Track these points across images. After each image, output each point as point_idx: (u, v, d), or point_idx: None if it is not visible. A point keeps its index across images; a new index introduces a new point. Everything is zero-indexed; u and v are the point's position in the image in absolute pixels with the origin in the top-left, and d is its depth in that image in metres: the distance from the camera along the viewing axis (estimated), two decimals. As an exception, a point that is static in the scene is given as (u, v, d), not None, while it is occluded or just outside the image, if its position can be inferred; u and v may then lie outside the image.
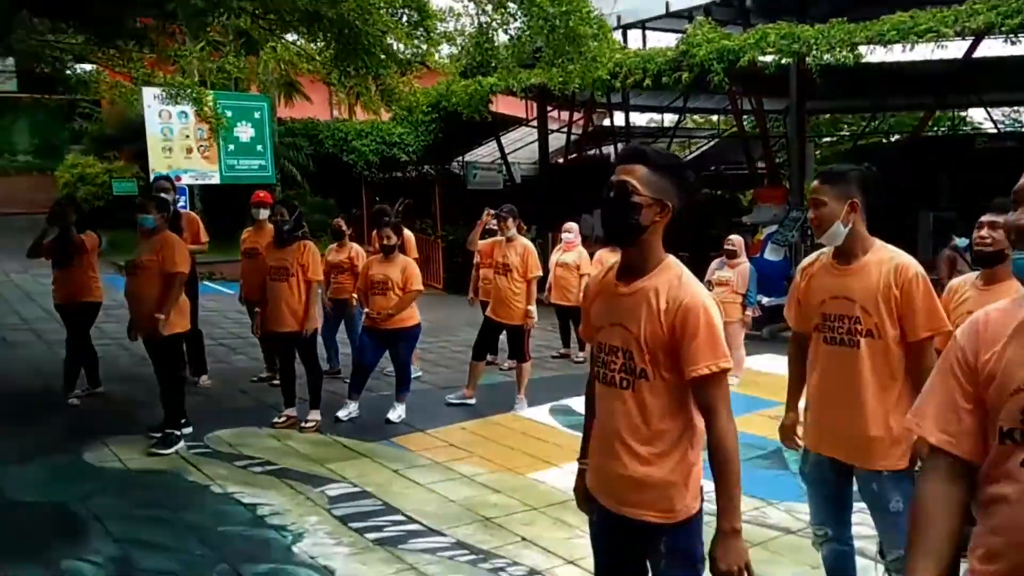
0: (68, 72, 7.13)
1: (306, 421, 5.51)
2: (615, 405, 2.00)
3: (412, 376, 7.21)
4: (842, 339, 2.55)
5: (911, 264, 2.52)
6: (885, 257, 2.54)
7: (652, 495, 1.97)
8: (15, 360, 6.96)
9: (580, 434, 2.30)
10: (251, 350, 7.61)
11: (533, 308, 6.37)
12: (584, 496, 2.18)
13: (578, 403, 6.65)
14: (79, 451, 4.68)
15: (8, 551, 3.26)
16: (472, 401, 6.46)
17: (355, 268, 6.84)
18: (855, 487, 2.63)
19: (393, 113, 16.92)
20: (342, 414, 5.75)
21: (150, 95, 13.15)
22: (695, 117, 25.58)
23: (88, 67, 8.89)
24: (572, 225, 8.49)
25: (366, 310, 5.82)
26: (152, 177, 13.47)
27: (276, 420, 5.54)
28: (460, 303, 9.24)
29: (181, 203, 13.44)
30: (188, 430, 5.12)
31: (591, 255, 8.09)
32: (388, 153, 16.05)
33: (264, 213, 6.58)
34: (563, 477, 4.68)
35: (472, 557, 3.53)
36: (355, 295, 6.55)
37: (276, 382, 6.03)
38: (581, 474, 2.22)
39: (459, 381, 7.38)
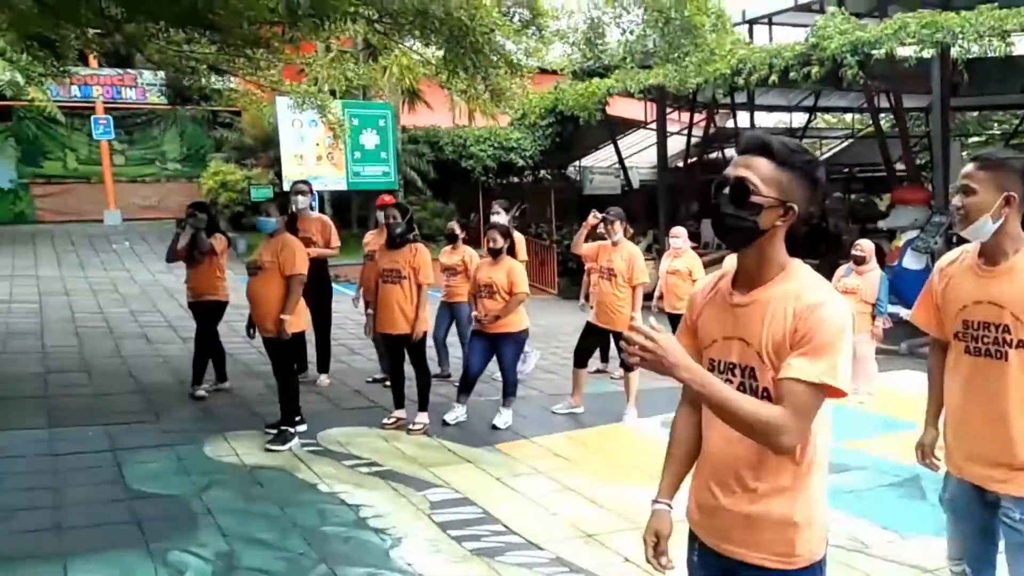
0: (207, 83, 7.55)
1: (414, 423, 5.54)
2: (730, 431, 1.71)
3: (527, 365, 7.15)
4: (988, 350, 2.24)
5: None
6: None
7: (769, 536, 1.72)
8: (152, 355, 7.44)
9: None
10: (370, 351, 7.77)
11: (638, 316, 6.15)
12: (662, 536, 1.91)
13: (691, 416, 6.36)
14: (201, 443, 4.90)
15: (122, 541, 3.40)
16: (580, 410, 6.31)
17: (468, 271, 6.86)
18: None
19: (510, 118, 17.06)
20: (449, 418, 5.75)
21: (284, 104, 13.87)
22: (827, 117, 24.22)
23: (230, 80, 9.42)
24: (680, 230, 8.16)
25: (474, 313, 5.80)
26: (287, 184, 14.24)
27: (385, 421, 5.61)
28: (573, 308, 9.13)
29: (313, 208, 14.19)
30: (302, 428, 5.27)
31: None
32: (505, 158, 16.15)
33: (389, 216, 6.74)
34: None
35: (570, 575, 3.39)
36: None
37: (389, 384, 6.12)
38: (660, 517, 1.91)
39: (567, 389, 7.25)
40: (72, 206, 18.60)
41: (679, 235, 7.98)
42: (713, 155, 21.41)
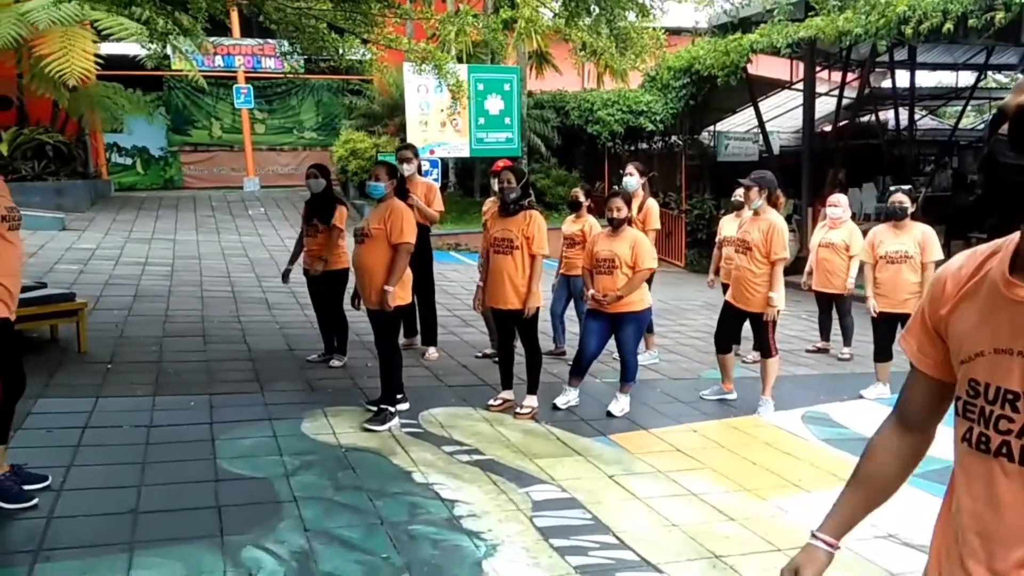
0: (327, 43, 7.33)
1: (521, 407, 5.11)
2: (1002, 490, 1.15)
3: (647, 363, 6.61)
4: None
5: None
6: None
7: None
8: (269, 321, 7.41)
9: (842, 452, 1.55)
10: (483, 324, 7.42)
11: (778, 295, 5.39)
12: None
13: (839, 411, 5.59)
14: (300, 418, 4.68)
15: (197, 531, 3.17)
16: (733, 396, 5.70)
17: (588, 242, 6.35)
18: None
19: (641, 79, 16.15)
20: (560, 402, 5.28)
21: (410, 70, 13.73)
22: (998, 76, 21.56)
23: (352, 45, 9.23)
24: (841, 198, 7.22)
25: (591, 291, 5.26)
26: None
27: (491, 403, 5.22)
28: (700, 282, 8.41)
29: (434, 176, 14.06)
30: (404, 406, 4.96)
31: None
32: (634, 122, 15.29)
33: (500, 183, 6.33)
34: (816, 508, 3.78)
35: (692, 608, 2.85)
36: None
37: (498, 361, 5.71)
38: (813, 556, 1.45)
39: (693, 372, 6.62)
40: (216, 173, 19.54)
41: (839, 203, 7.08)
42: (865, 118, 19.56)
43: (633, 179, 6.48)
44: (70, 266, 9.19)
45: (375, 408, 4.84)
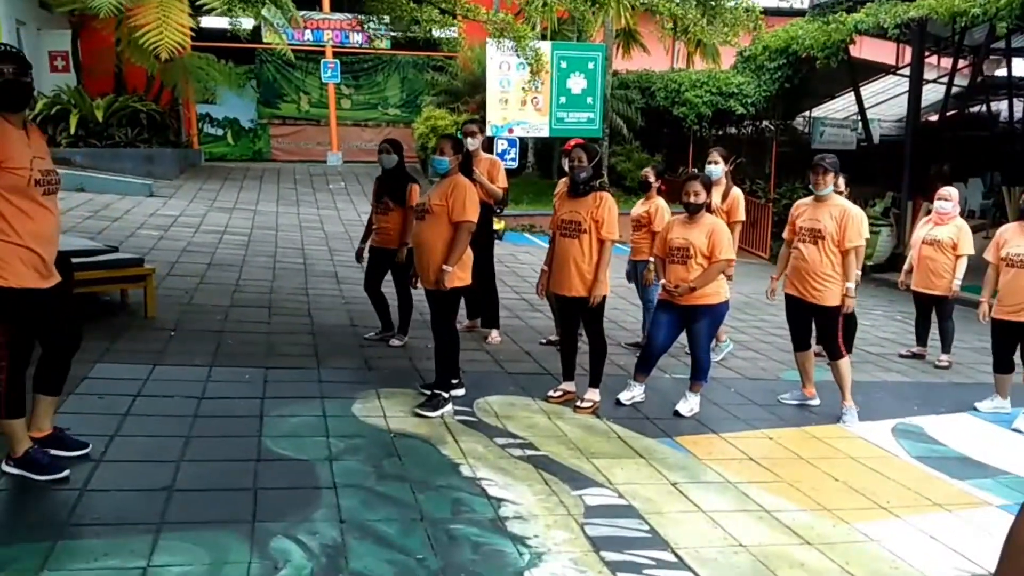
0: (407, 12, 7.15)
1: (582, 400, 4.83)
2: None
3: (720, 356, 6.23)
4: None
5: None
6: None
7: None
8: (335, 295, 7.34)
9: (938, 473, 1.49)
10: (550, 309, 7.15)
11: (852, 286, 4.92)
12: None
13: (935, 425, 5.08)
14: (352, 398, 4.53)
15: (230, 514, 3.03)
16: (815, 401, 5.29)
17: (652, 224, 6.01)
18: None
19: (734, 59, 15.41)
20: (624, 397, 4.96)
21: (493, 46, 13.47)
22: None
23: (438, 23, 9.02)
24: (951, 191, 6.58)
25: (662, 281, 4.91)
26: (490, 129, 13.95)
27: (551, 394, 4.95)
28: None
29: (512, 156, 13.80)
30: (459, 392, 4.75)
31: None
32: (723, 105, 14.60)
33: (571, 163, 6.04)
34: (907, 537, 3.39)
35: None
36: (651, 259, 5.67)
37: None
38: None
39: (772, 372, 6.18)
40: (302, 146, 19.86)
41: (949, 197, 6.46)
42: (975, 108, 18.21)
43: (717, 167, 6.05)
44: (151, 232, 9.39)
45: (428, 392, 4.66)
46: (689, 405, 4.86)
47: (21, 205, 2.97)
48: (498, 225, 12.30)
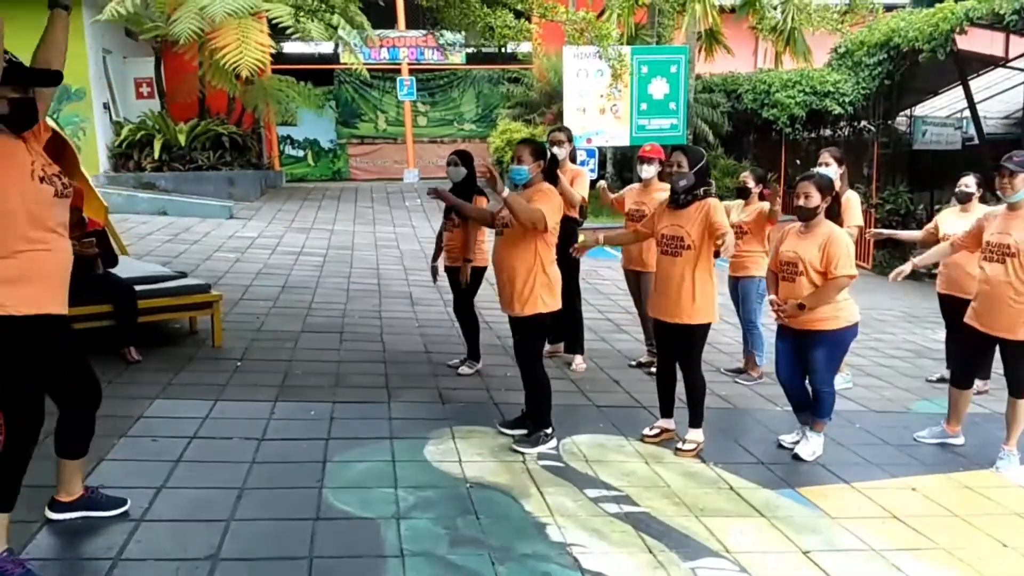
0: (479, 17, 6.74)
1: (684, 442, 4.22)
2: None
3: (839, 388, 5.47)
4: None
5: None
6: None
7: None
8: (409, 318, 6.96)
9: None
10: (638, 328, 6.55)
11: None
12: None
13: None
14: (424, 438, 4.07)
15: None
16: (959, 441, 4.55)
17: (755, 232, 5.39)
18: None
19: (829, 56, 14.44)
20: (787, 440, 4.34)
21: (571, 54, 13.00)
22: None
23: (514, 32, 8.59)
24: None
25: (770, 296, 4.26)
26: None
27: (647, 433, 4.36)
28: (894, 288, 7.01)
29: (590, 166, 13.25)
30: (552, 443, 4.16)
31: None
32: (818, 105, 13.64)
33: (650, 170, 5.46)
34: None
35: None
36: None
37: (654, 370, 4.82)
38: None
39: (900, 402, 5.41)
40: (380, 165, 19.86)
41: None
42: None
43: (831, 169, 5.34)
44: (228, 254, 9.28)
45: (511, 431, 4.17)
46: (811, 447, 4.17)
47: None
48: (580, 238, 11.82)
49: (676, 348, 4.30)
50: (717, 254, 4.11)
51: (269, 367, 5.17)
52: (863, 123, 15.06)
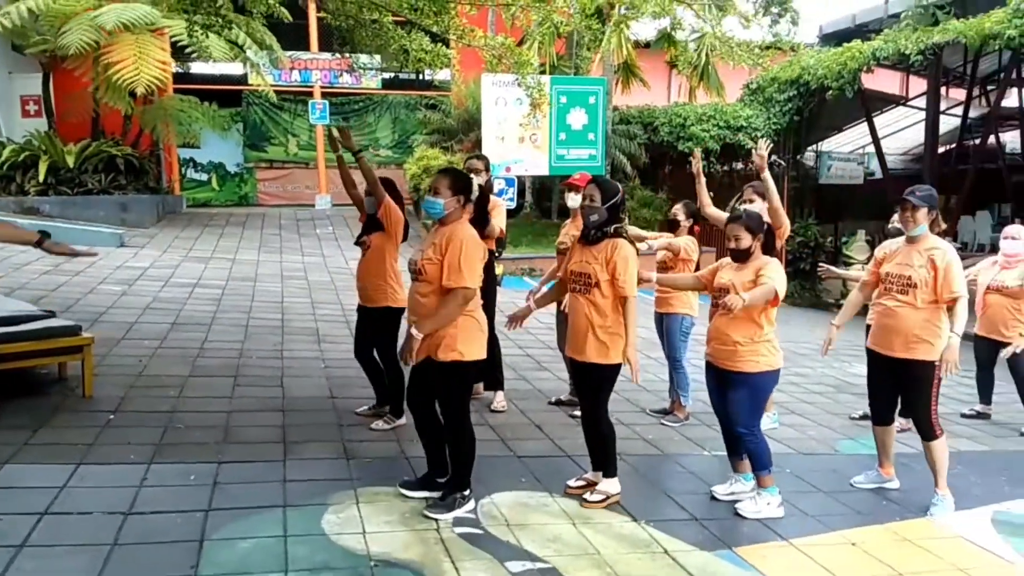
0: (392, 40, 6.39)
1: (592, 493, 3.90)
2: None
3: (765, 428, 5.26)
4: None
5: None
6: None
7: None
8: (314, 358, 6.42)
9: None
10: (561, 366, 6.24)
11: (951, 341, 3.99)
12: None
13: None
14: (324, 504, 3.58)
15: None
16: (894, 484, 4.40)
17: (681, 266, 5.19)
18: None
19: (741, 91, 14.77)
20: (720, 491, 4.07)
21: (489, 81, 12.76)
22: None
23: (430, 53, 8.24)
24: (1020, 230, 5.72)
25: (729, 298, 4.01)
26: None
27: (570, 483, 4.02)
28: (807, 318, 7.00)
29: (509, 195, 12.99)
30: (470, 505, 3.72)
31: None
32: (732, 139, 13.89)
33: (576, 199, 5.17)
34: None
35: None
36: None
37: (578, 413, 4.47)
38: None
39: (827, 442, 5.25)
40: (290, 190, 19.07)
41: (1017, 236, 5.60)
42: (977, 140, 17.52)
43: (755, 205, 5.19)
44: (114, 287, 8.48)
45: (419, 492, 3.74)
46: (756, 507, 3.87)
47: None
48: (497, 270, 11.50)
49: (584, 388, 4.01)
50: None
51: (147, 420, 4.56)
52: (774, 157, 15.46)
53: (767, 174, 4.98)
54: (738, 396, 3.91)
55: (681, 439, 5.08)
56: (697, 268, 5.25)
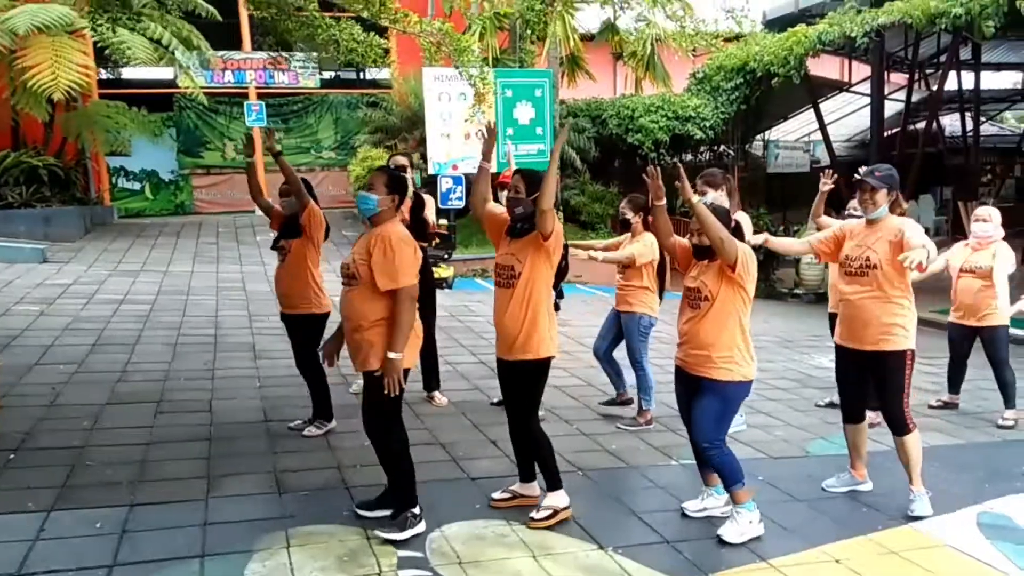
0: (322, 31, 5.93)
1: (538, 510, 3.59)
2: None
3: (733, 431, 4.95)
4: None
5: None
6: None
7: None
8: (249, 376, 5.94)
9: None
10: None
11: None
12: None
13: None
14: (248, 551, 3.15)
15: None
16: (867, 487, 4.14)
17: (643, 265, 4.95)
18: None
19: (687, 81, 14.60)
20: (691, 508, 3.76)
21: (431, 75, 12.31)
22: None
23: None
24: (989, 211, 5.55)
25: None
26: (432, 167, 12.71)
27: (495, 497, 3.77)
28: (761, 310, 6.75)
29: (458, 194, 12.56)
30: (420, 528, 3.36)
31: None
32: (681, 130, 13.70)
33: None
34: None
35: None
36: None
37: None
38: None
39: (797, 444, 4.99)
40: (229, 197, 18.26)
41: (987, 218, 5.42)
42: (919, 124, 17.81)
43: (708, 196, 4.88)
44: (31, 307, 7.83)
45: (368, 515, 3.38)
46: (739, 528, 3.51)
47: None
48: (446, 272, 11.06)
49: (511, 390, 3.67)
50: (557, 285, 3.80)
51: (53, 458, 4.04)
52: (723, 147, 15.37)
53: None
54: (705, 404, 3.57)
55: (647, 448, 4.75)
56: (661, 262, 4.94)
